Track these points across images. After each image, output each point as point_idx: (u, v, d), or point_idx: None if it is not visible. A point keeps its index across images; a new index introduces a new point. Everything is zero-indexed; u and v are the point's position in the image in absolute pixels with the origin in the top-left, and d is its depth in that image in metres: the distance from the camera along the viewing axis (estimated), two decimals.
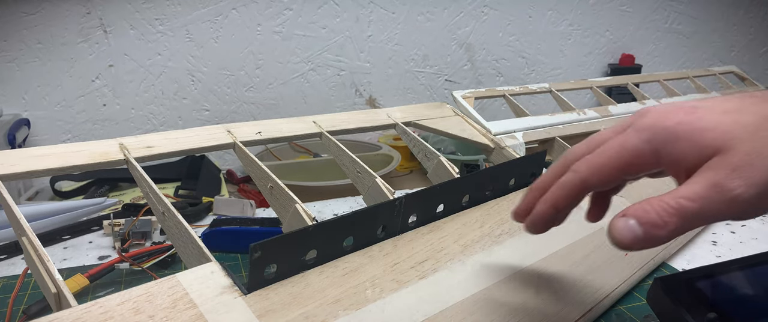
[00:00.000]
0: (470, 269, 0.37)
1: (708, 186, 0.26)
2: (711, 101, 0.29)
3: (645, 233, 0.27)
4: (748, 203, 0.26)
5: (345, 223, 0.34)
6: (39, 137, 1.17)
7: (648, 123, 0.29)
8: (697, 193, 0.26)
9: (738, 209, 0.26)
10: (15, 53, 1.11)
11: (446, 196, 0.42)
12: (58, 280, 0.29)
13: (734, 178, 0.26)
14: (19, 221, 0.32)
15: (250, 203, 0.67)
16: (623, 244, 0.27)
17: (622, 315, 0.41)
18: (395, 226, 0.38)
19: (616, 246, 0.27)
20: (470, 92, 0.69)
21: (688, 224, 0.27)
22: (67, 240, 0.59)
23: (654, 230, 0.27)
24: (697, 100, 0.30)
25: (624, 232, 0.27)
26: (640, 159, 0.29)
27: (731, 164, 0.26)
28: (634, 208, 0.27)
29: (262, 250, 0.30)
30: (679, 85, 0.93)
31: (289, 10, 1.25)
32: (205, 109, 1.26)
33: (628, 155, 0.29)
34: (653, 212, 0.27)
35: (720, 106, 0.28)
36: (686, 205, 0.26)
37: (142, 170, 0.38)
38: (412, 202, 0.39)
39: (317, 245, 0.33)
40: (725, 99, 0.29)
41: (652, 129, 0.28)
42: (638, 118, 0.30)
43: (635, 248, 0.27)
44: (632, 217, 0.27)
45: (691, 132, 0.27)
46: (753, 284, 0.37)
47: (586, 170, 0.30)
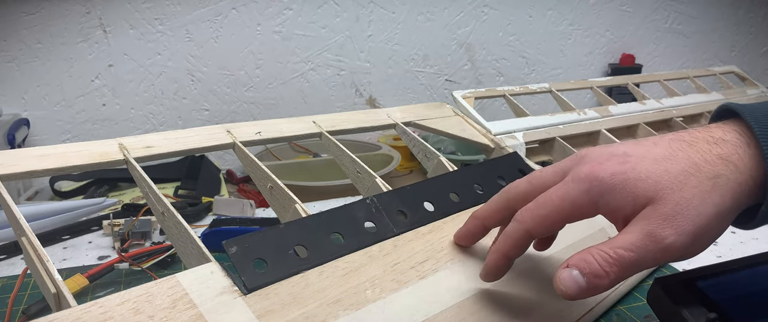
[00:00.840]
0: (470, 269, 0.37)
1: (643, 236, 0.28)
2: (643, 148, 0.31)
3: (588, 284, 0.28)
4: (680, 250, 0.28)
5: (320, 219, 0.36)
6: (38, 137, 1.17)
7: (585, 174, 0.30)
8: (633, 243, 0.28)
9: (672, 255, 0.28)
10: (15, 53, 1.11)
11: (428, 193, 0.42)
12: (58, 280, 0.29)
13: (666, 227, 0.28)
14: (19, 221, 0.32)
15: (250, 203, 0.67)
16: (569, 295, 0.29)
17: (622, 315, 0.41)
18: (382, 221, 0.38)
19: (562, 297, 0.29)
20: (470, 92, 0.69)
21: (628, 272, 0.28)
22: (66, 240, 0.59)
23: (596, 280, 0.28)
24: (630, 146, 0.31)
25: (568, 283, 0.29)
26: (579, 210, 0.30)
27: (662, 213, 0.28)
28: (577, 259, 0.29)
29: (237, 244, 0.31)
30: (679, 85, 0.93)
31: (288, 10, 1.25)
32: (204, 109, 1.26)
33: (569, 207, 0.30)
34: (595, 263, 0.28)
35: (651, 154, 0.30)
36: (625, 255, 0.28)
37: (141, 170, 0.38)
38: (385, 199, 0.39)
39: (302, 241, 0.34)
40: (656, 144, 0.31)
41: (589, 181, 0.30)
42: (576, 165, 0.31)
43: (580, 298, 0.29)
44: (575, 268, 0.29)
45: (624, 183, 0.29)
46: (753, 284, 0.37)
47: (531, 221, 0.32)
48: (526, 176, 0.35)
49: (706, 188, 0.28)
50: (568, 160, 0.33)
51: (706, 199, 0.28)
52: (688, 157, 0.29)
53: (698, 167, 0.29)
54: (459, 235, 0.38)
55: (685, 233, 0.28)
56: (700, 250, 0.29)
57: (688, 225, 0.28)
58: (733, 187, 0.29)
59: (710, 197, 0.28)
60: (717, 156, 0.29)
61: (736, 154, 0.29)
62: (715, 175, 0.29)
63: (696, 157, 0.29)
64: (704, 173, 0.29)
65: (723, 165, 0.29)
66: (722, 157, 0.29)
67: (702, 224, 0.28)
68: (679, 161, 0.29)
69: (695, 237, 0.28)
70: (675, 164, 0.29)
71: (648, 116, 0.77)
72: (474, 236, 0.37)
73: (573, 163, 0.32)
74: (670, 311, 0.34)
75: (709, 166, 0.29)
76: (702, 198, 0.28)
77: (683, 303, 0.33)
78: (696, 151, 0.30)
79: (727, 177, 0.29)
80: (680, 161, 0.29)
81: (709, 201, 0.28)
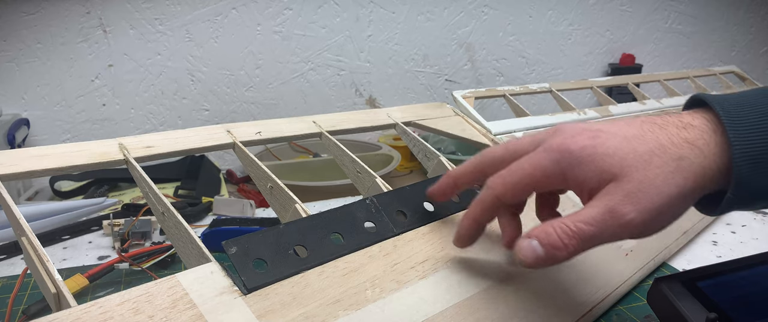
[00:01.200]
0: (470, 269, 0.37)
1: (604, 211, 0.29)
2: (616, 126, 0.32)
3: (546, 254, 0.30)
4: (639, 227, 0.29)
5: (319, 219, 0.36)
6: (38, 137, 1.17)
7: (556, 145, 0.31)
8: (594, 217, 0.29)
9: (631, 231, 0.29)
10: (15, 53, 1.11)
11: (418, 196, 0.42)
12: (58, 280, 0.29)
13: (627, 203, 0.28)
14: (19, 221, 0.32)
15: (250, 203, 0.67)
16: (526, 263, 0.30)
17: (622, 315, 0.41)
18: (382, 221, 0.38)
19: (520, 265, 0.30)
20: (470, 92, 0.69)
21: (587, 245, 0.30)
22: (66, 240, 0.59)
23: (554, 251, 0.29)
24: (604, 124, 0.32)
25: (527, 252, 0.30)
26: (548, 179, 0.31)
27: (625, 190, 0.29)
28: (538, 230, 0.30)
29: (237, 245, 0.31)
30: (679, 85, 0.93)
31: (288, 10, 1.25)
32: (204, 109, 1.26)
33: (539, 175, 0.31)
34: (554, 235, 0.29)
35: (622, 132, 0.31)
36: (584, 228, 0.29)
37: (141, 170, 0.38)
38: (385, 199, 0.39)
39: (301, 241, 0.34)
40: (629, 124, 0.32)
41: (560, 151, 0.31)
42: (550, 136, 0.32)
43: (538, 266, 0.30)
44: (535, 238, 0.30)
45: (592, 156, 0.30)
46: (753, 284, 0.37)
47: (501, 187, 0.33)
48: (503, 143, 0.36)
49: (670, 168, 0.29)
50: (543, 132, 0.34)
51: (669, 179, 0.29)
52: (657, 138, 0.30)
53: (665, 148, 0.30)
54: (432, 191, 0.39)
55: (645, 211, 0.28)
56: (658, 228, 0.30)
57: (649, 203, 0.28)
58: (696, 170, 0.29)
59: (673, 177, 0.29)
60: (684, 139, 0.30)
61: (702, 139, 0.30)
62: (680, 157, 0.29)
63: (664, 139, 0.30)
64: (669, 154, 0.29)
65: (688, 148, 0.30)
66: (688, 140, 0.30)
67: (662, 204, 0.29)
68: (648, 141, 0.30)
69: (655, 215, 0.29)
70: (643, 144, 0.30)
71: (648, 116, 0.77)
72: (445, 192, 0.38)
73: (547, 134, 0.33)
74: (670, 311, 0.34)
75: (675, 148, 0.30)
76: (665, 178, 0.29)
77: (683, 303, 0.33)
78: (665, 134, 0.30)
79: (691, 160, 0.29)
80: (648, 141, 0.30)
81: (671, 181, 0.29)
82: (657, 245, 0.49)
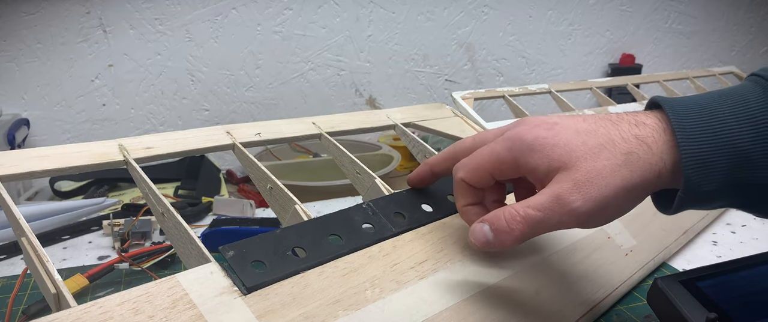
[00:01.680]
0: (470, 270, 0.37)
1: (552, 198, 0.30)
2: (572, 120, 0.33)
3: (495, 238, 0.31)
4: (586, 215, 0.30)
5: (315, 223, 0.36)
6: (38, 137, 1.17)
7: (513, 134, 0.33)
8: (542, 204, 0.30)
9: (578, 219, 0.30)
10: (15, 53, 1.11)
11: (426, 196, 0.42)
12: (58, 280, 0.29)
13: (574, 192, 0.30)
14: (19, 221, 0.32)
15: (250, 203, 0.67)
16: (477, 246, 0.32)
17: (622, 315, 0.41)
18: (380, 222, 0.38)
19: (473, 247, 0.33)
20: (470, 93, 0.69)
21: (534, 231, 0.31)
22: (66, 240, 0.59)
23: (502, 235, 0.31)
24: (562, 118, 0.34)
25: (478, 235, 0.32)
26: (503, 165, 0.33)
27: (573, 179, 0.30)
28: (490, 215, 0.32)
29: (234, 249, 0.32)
30: (679, 86, 0.93)
31: (288, 10, 1.25)
32: (204, 109, 1.26)
33: (494, 160, 0.34)
34: (503, 220, 0.31)
35: (576, 126, 0.32)
36: (532, 214, 0.30)
37: (141, 171, 0.38)
38: (382, 203, 0.40)
39: (299, 244, 0.34)
40: (585, 119, 0.33)
41: (514, 140, 0.33)
42: (511, 127, 0.35)
43: (488, 249, 0.32)
44: (487, 222, 0.32)
45: (543, 146, 0.32)
46: (753, 284, 0.37)
47: (462, 171, 0.35)
48: (473, 134, 0.38)
49: (618, 161, 0.30)
50: (509, 124, 0.36)
51: (616, 172, 0.30)
52: (608, 133, 0.31)
53: (614, 142, 0.31)
54: (411, 177, 0.42)
55: (591, 200, 0.30)
56: (604, 220, 0.31)
57: (595, 193, 0.30)
58: (644, 166, 0.30)
59: (619, 170, 0.30)
60: (634, 136, 0.31)
61: (651, 136, 0.31)
62: (628, 151, 0.30)
63: (614, 135, 0.31)
64: (618, 148, 0.31)
65: (637, 144, 0.31)
66: (638, 137, 0.31)
67: (609, 195, 0.30)
68: (599, 135, 0.31)
69: (601, 206, 0.30)
70: (594, 138, 0.31)
71: None
72: (423, 180, 0.41)
73: (511, 126, 0.35)
74: (670, 311, 0.34)
75: (625, 143, 0.31)
76: (612, 170, 0.30)
77: (683, 303, 0.33)
78: (616, 130, 0.32)
79: (639, 155, 0.30)
80: (600, 135, 0.31)
81: (617, 174, 0.30)
82: (657, 245, 0.49)
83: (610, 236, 0.46)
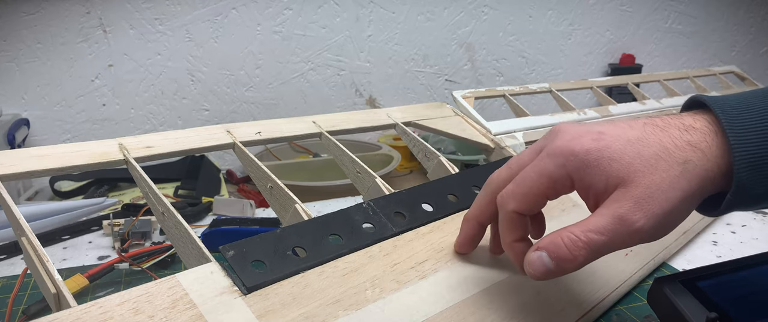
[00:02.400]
0: (470, 269, 0.37)
1: (614, 220, 0.28)
2: (618, 128, 0.31)
3: (556, 266, 0.29)
4: (649, 233, 0.29)
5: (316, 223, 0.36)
6: (38, 137, 1.17)
7: (561, 149, 0.31)
8: (604, 226, 0.29)
9: (641, 238, 0.29)
10: (15, 53, 1.11)
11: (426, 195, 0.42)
12: (58, 280, 0.29)
13: (636, 211, 0.28)
14: (19, 221, 0.32)
15: (250, 203, 0.67)
16: (536, 276, 0.30)
17: (622, 315, 0.41)
18: (380, 222, 0.38)
19: (531, 278, 0.30)
20: (470, 92, 0.69)
21: (596, 255, 0.29)
22: (66, 240, 0.59)
23: (564, 263, 0.29)
24: (604, 125, 0.31)
25: (537, 265, 0.30)
26: (556, 184, 0.31)
27: (633, 196, 0.28)
28: (546, 242, 0.30)
29: (234, 249, 0.31)
30: (679, 85, 0.93)
31: (288, 10, 1.25)
32: (204, 109, 1.26)
33: (546, 181, 0.31)
34: (564, 247, 0.29)
35: (625, 135, 0.30)
36: (595, 238, 0.29)
37: (141, 170, 0.38)
38: (382, 203, 0.39)
39: (300, 244, 0.34)
40: (631, 126, 0.31)
41: (566, 155, 0.30)
42: (550, 140, 0.32)
43: (548, 278, 0.30)
44: (544, 250, 0.30)
45: (598, 161, 0.29)
46: (753, 284, 0.37)
47: (513, 201, 0.32)
48: (506, 163, 0.35)
49: (676, 172, 0.29)
50: (543, 137, 0.33)
51: (675, 184, 0.29)
52: (660, 141, 0.30)
53: (669, 151, 0.29)
54: (459, 242, 0.37)
55: (654, 217, 0.28)
56: (665, 233, 0.30)
57: (657, 209, 0.28)
58: (700, 173, 0.29)
59: (678, 182, 0.29)
60: (687, 142, 0.30)
61: (704, 141, 0.30)
62: (685, 160, 0.29)
63: (667, 142, 0.30)
64: (674, 157, 0.29)
65: (692, 151, 0.29)
66: (691, 143, 0.30)
67: (670, 209, 0.29)
68: (651, 144, 0.30)
69: (663, 221, 0.29)
70: (647, 147, 0.30)
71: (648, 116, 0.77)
72: (474, 239, 0.37)
73: (547, 139, 0.32)
74: (670, 311, 0.34)
75: (679, 151, 0.29)
76: (671, 183, 0.29)
77: (683, 303, 0.33)
78: (667, 136, 0.30)
79: (695, 163, 0.29)
80: (652, 144, 0.30)
81: (677, 186, 0.29)
82: (657, 246, 0.49)
83: None
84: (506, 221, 0.33)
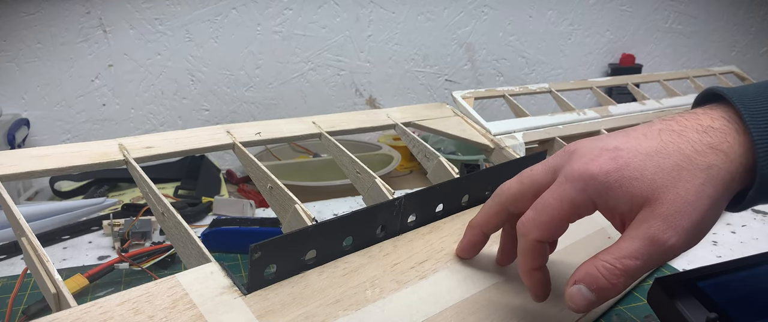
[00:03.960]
0: (470, 270, 0.37)
1: (646, 242, 0.28)
2: (634, 140, 0.30)
3: (597, 297, 0.29)
4: (682, 248, 0.28)
5: (345, 223, 0.34)
6: (38, 137, 1.17)
7: (580, 173, 0.30)
8: (637, 250, 0.28)
9: (674, 254, 0.29)
10: (15, 53, 1.11)
11: (446, 196, 0.42)
12: (58, 280, 0.29)
13: (666, 229, 0.28)
14: (19, 221, 0.32)
15: (250, 203, 0.67)
16: (579, 310, 0.29)
17: (622, 315, 0.41)
18: (395, 226, 0.38)
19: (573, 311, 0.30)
20: (470, 92, 0.69)
21: (634, 279, 0.29)
22: (66, 240, 0.59)
23: (604, 293, 0.29)
24: (620, 138, 0.31)
25: (578, 299, 0.29)
26: (578, 209, 0.30)
27: (661, 214, 0.28)
28: (583, 274, 0.29)
29: (262, 250, 0.30)
30: (679, 85, 0.93)
31: (288, 10, 1.25)
32: (204, 109, 1.26)
33: (568, 208, 0.30)
34: (602, 278, 0.29)
35: (642, 148, 0.29)
36: (631, 264, 0.28)
37: (141, 171, 0.38)
38: (411, 202, 0.39)
39: (317, 245, 0.33)
40: (646, 136, 0.30)
41: (586, 180, 0.29)
42: (566, 161, 0.31)
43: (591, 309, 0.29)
44: (583, 284, 0.29)
45: (619, 182, 0.29)
46: (753, 284, 0.37)
47: (536, 231, 0.31)
48: (517, 175, 0.34)
49: (700, 181, 0.28)
50: (557, 156, 0.32)
51: (701, 192, 0.28)
52: (679, 149, 0.29)
53: (690, 159, 0.29)
54: (461, 247, 0.37)
55: (684, 231, 0.28)
56: (697, 242, 0.29)
57: (687, 222, 0.28)
58: (725, 176, 0.29)
59: (704, 190, 0.28)
60: (707, 146, 0.29)
61: (725, 142, 0.29)
62: (708, 166, 0.28)
63: (687, 149, 0.29)
64: (697, 165, 0.28)
65: (714, 155, 0.29)
66: (712, 146, 0.29)
67: (699, 219, 0.28)
68: (671, 154, 0.29)
69: (694, 232, 0.28)
70: (667, 158, 0.29)
71: (648, 116, 0.77)
72: (476, 245, 0.37)
73: (563, 160, 0.32)
74: (670, 311, 0.34)
75: (701, 157, 0.29)
76: (696, 193, 0.28)
77: (683, 303, 0.33)
78: (686, 142, 0.29)
79: (719, 167, 0.28)
80: (671, 154, 0.29)
81: (703, 194, 0.28)
82: None
83: (611, 236, 0.46)
84: (528, 250, 0.32)
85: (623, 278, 0.28)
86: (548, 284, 0.33)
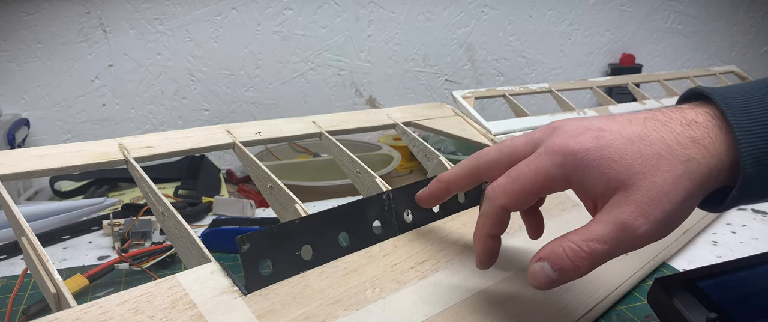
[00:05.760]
0: (470, 270, 0.37)
1: (616, 227, 0.28)
2: (618, 124, 0.30)
3: (559, 276, 0.29)
4: (651, 238, 0.28)
5: (331, 215, 0.35)
6: (38, 137, 1.17)
7: (559, 147, 0.29)
8: (607, 235, 0.28)
9: (643, 242, 0.28)
10: (15, 53, 1.11)
11: None
12: (58, 280, 0.29)
13: (638, 216, 0.27)
14: (19, 221, 0.32)
15: (250, 203, 0.67)
16: (540, 287, 0.29)
17: (622, 315, 0.41)
18: (390, 222, 0.38)
19: (534, 287, 0.30)
20: (470, 92, 0.69)
21: (599, 263, 0.29)
22: (66, 240, 0.59)
23: (567, 273, 0.29)
24: (604, 121, 0.30)
25: (540, 277, 0.29)
26: (552, 182, 0.30)
27: (635, 200, 0.28)
28: (548, 251, 0.29)
29: (250, 242, 0.30)
30: (679, 85, 0.93)
31: (288, 10, 1.25)
32: (204, 109, 1.26)
33: (542, 180, 0.30)
34: (566, 258, 0.28)
35: (625, 132, 0.29)
36: (597, 248, 0.28)
37: (141, 170, 0.38)
38: (400, 195, 0.39)
39: (310, 240, 0.33)
40: (631, 121, 0.30)
41: (564, 154, 0.29)
42: (549, 136, 0.31)
43: (552, 287, 0.29)
44: (546, 261, 0.29)
45: (598, 161, 0.29)
46: (753, 284, 0.37)
47: (504, 196, 0.31)
48: (496, 144, 0.34)
49: (678, 172, 0.28)
50: (540, 130, 0.32)
51: (677, 184, 0.28)
52: (662, 138, 0.29)
53: (671, 149, 0.29)
54: (421, 196, 0.37)
55: (656, 221, 0.28)
56: (666, 234, 0.29)
57: (660, 213, 0.28)
58: (703, 171, 0.28)
59: (681, 182, 0.28)
60: (689, 139, 0.29)
61: (708, 137, 0.29)
62: (687, 159, 0.28)
63: (669, 139, 0.29)
64: (677, 156, 0.28)
65: (695, 148, 0.29)
66: (695, 140, 0.29)
67: (672, 210, 0.28)
68: (653, 142, 0.29)
69: (666, 223, 0.28)
70: (648, 146, 0.29)
71: None
72: (437, 198, 0.37)
73: (545, 134, 0.31)
74: (670, 311, 0.34)
75: (682, 149, 0.29)
76: (673, 184, 0.28)
77: (683, 303, 0.33)
78: (669, 132, 0.29)
79: (698, 161, 0.28)
80: (654, 142, 0.29)
81: (679, 186, 0.28)
82: (657, 246, 0.49)
83: None
84: (491, 215, 0.32)
85: (588, 260, 0.28)
86: (496, 255, 0.34)
